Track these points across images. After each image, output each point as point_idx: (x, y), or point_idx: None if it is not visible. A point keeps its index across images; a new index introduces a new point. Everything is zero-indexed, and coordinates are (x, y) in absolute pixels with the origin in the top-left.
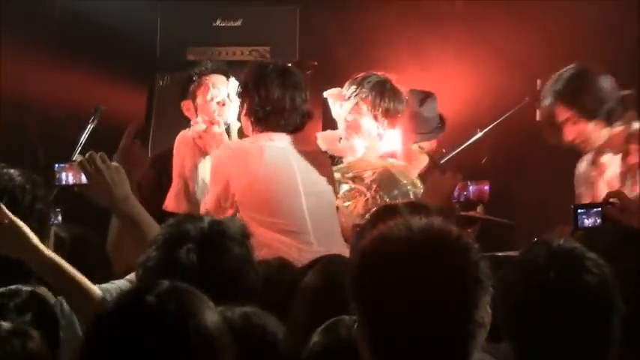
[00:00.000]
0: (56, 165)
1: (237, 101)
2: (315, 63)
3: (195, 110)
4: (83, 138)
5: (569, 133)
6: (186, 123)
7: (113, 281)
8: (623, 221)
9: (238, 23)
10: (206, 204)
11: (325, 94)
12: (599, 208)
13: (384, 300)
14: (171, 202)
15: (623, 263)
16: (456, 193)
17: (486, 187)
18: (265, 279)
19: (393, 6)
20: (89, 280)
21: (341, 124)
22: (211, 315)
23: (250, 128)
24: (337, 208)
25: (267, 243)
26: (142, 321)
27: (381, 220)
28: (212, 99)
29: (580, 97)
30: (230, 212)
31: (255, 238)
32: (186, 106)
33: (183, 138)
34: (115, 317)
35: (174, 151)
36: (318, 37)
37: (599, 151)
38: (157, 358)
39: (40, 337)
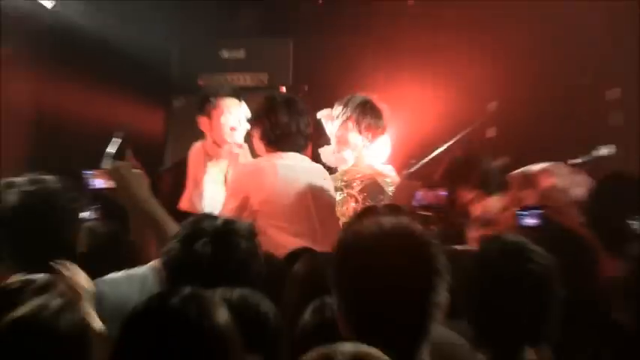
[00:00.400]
0: (86, 172)
1: (245, 125)
2: (306, 87)
3: (210, 127)
4: (110, 152)
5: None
6: (199, 136)
7: (138, 267)
8: (561, 222)
9: (241, 54)
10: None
11: (318, 115)
12: (539, 210)
13: (358, 286)
14: (185, 203)
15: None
16: (418, 197)
17: (443, 194)
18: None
19: (372, 39)
20: (121, 266)
21: (333, 140)
22: (223, 315)
23: (264, 149)
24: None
25: (283, 244)
26: (167, 320)
27: (361, 219)
28: (225, 123)
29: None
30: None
31: (273, 240)
32: (202, 121)
33: (195, 149)
34: (145, 316)
35: (188, 161)
36: (308, 65)
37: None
38: (179, 353)
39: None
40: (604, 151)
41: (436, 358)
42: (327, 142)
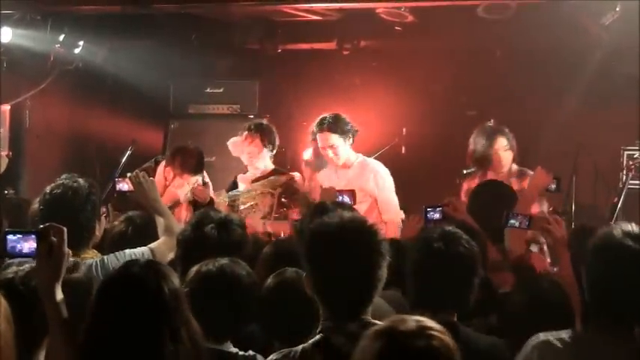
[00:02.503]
0: (116, 178)
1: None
2: (267, 115)
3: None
4: (124, 160)
5: None
6: None
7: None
8: (455, 217)
9: (221, 90)
10: None
11: (228, 143)
12: (441, 208)
13: (322, 261)
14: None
15: None
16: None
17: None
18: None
19: (315, 80)
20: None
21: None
22: (175, 279)
23: None
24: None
25: None
26: (131, 283)
27: (317, 213)
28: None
29: None
30: None
31: None
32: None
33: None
34: (114, 281)
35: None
36: (269, 98)
37: None
38: (143, 308)
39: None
40: None
41: (375, 317)
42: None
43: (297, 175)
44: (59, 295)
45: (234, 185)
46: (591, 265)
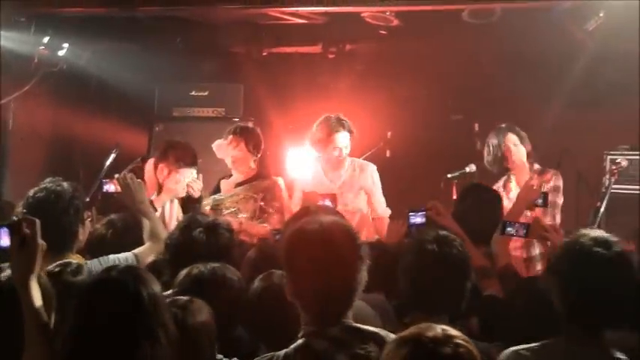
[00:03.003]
0: (103, 180)
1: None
2: (252, 118)
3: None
4: (108, 163)
5: None
6: None
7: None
8: (437, 221)
9: (206, 93)
10: None
11: (213, 145)
12: (424, 212)
13: (302, 267)
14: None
15: None
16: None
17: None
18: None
19: (300, 84)
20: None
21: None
22: (155, 285)
23: None
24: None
25: None
26: (109, 288)
27: (302, 217)
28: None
29: None
30: None
31: None
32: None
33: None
34: (93, 285)
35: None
36: (254, 101)
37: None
38: (121, 312)
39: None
40: (472, 167)
41: (357, 320)
42: None
43: (280, 180)
44: (35, 290)
45: (217, 189)
46: (561, 273)
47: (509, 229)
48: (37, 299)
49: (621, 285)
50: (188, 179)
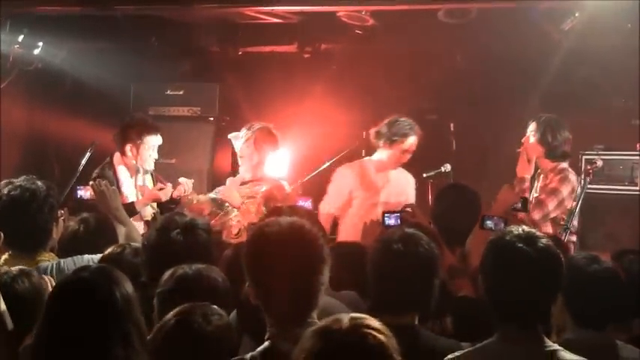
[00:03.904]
0: (78, 187)
1: None
2: (227, 118)
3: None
4: (83, 162)
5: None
6: None
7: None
8: (412, 222)
9: (181, 92)
10: None
11: (229, 136)
12: (399, 213)
13: (262, 270)
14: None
15: None
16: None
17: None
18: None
19: (276, 83)
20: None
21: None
22: (128, 285)
23: None
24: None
25: None
26: (81, 288)
27: (270, 217)
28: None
29: None
30: None
31: None
32: None
33: None
34: (64, 285)
35: None
36: (229, 101)
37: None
38: (94, 312)
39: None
40: (447, 167)
41: (323, 316)
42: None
43: (285, 183)
44: None
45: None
46: (486, 272)
47: (488, 222)
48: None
49: (547, 280)
50: (156, 146)
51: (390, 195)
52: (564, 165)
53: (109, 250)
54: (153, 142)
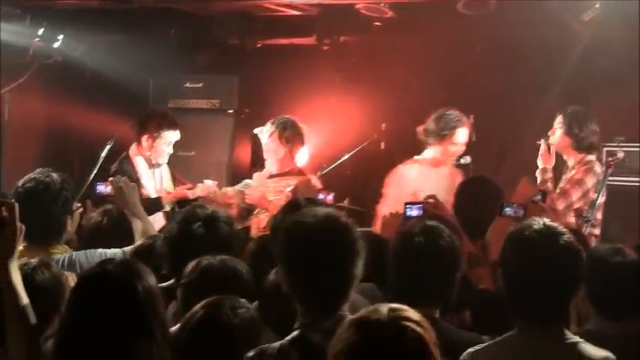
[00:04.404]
0: (97, 182)
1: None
2: (247, 110)
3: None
4: (103, 155)
5: None
6: None
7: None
8: (435, 213)
9: (200, 85)
10: None
11: (255, 131)
12: (421, 204)
13: (297, 260)
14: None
15: None
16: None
17: (330, 197)
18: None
19: (296, 75)
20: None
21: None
22: (152, 278)
23: None
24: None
25: None
26: (104, 281)
27: (290, 209)
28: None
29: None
30: None
31: None
32: None
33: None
34: (88, 279)
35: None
36: (249, 93)
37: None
38: (117, 306)
39: None
40: (467, 159)
41: (351, 311)
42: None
43: (313, 178)
44: (15, 273)
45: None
46: (505, 266)
47: (507, 209)
48: (17, 281)
49: (567, 275)
50: (172, 142)
51: (449, 192)
52: (591, 157)
53: (141, 242)
54: (170, 137)
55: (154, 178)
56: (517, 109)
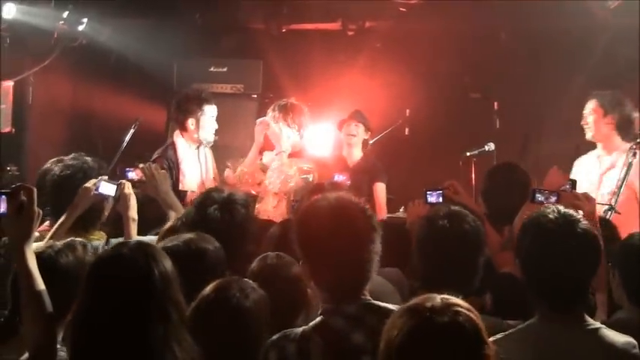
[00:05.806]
0: (127, 168)
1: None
2: (271, 95)
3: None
4: (127, 138)
5: None
6: None
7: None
8: (455, 200)
9: (225, 69)
10: None
11: (258, 121)
12: (441, 191)
13: (315, 245)
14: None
15: None
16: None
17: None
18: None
19: (319, 60)
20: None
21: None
22: (167, 262)
23: None
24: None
25: None
26: (119, 264)
27: (313, 193)
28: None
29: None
30: None
31: None
32: None
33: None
34: (103, 262)
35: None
36: (273, 78)
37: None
38: (132, 289)
39: None
40: (490, 146)
41: (379, 296)
42: None
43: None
44: (31, 258)
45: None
46: (522, 254)
47: (538, 195)
48: (33, 265)
49: (584, 261)
50: (215, 115)
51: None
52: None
53: (168, 224)
54: (212, 111)
55: (199, 160)
56: (541, 95)
